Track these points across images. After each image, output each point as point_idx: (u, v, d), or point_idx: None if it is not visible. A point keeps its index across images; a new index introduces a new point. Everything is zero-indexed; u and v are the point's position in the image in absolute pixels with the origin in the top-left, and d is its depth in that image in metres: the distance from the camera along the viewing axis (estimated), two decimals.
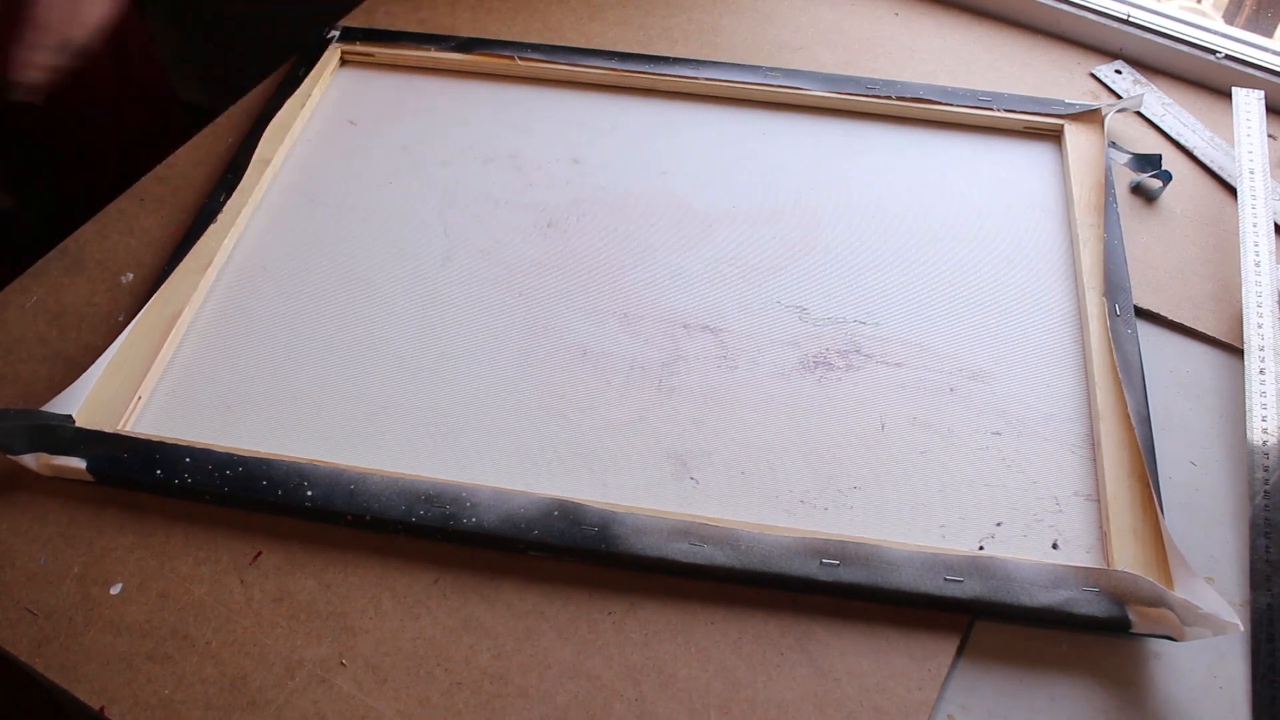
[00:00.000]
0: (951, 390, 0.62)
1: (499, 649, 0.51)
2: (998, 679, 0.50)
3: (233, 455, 0.56)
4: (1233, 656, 0.51)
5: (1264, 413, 0.60)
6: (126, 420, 0.58)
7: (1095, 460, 0.58)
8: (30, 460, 0.55)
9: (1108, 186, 0.72)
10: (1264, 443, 0.58)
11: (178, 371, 0.62)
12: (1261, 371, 0.61)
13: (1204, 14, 0.95)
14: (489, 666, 0.50)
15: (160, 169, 0.74)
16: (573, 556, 0.53)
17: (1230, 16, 1.03)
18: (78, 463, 0.55)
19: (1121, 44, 0.86)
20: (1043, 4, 0.87)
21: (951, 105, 0.79)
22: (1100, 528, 0.55)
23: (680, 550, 0.53)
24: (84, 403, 0.58)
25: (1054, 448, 0.59)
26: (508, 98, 0.81)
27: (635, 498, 0.56)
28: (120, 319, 0.64)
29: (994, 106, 0.79)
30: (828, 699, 0.49)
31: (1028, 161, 0.77)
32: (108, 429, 0.57)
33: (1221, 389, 0.63)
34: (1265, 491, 0.57)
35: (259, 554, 0.54)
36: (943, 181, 0.75)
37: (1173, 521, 0.56)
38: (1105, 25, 0.85)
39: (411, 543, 0.54)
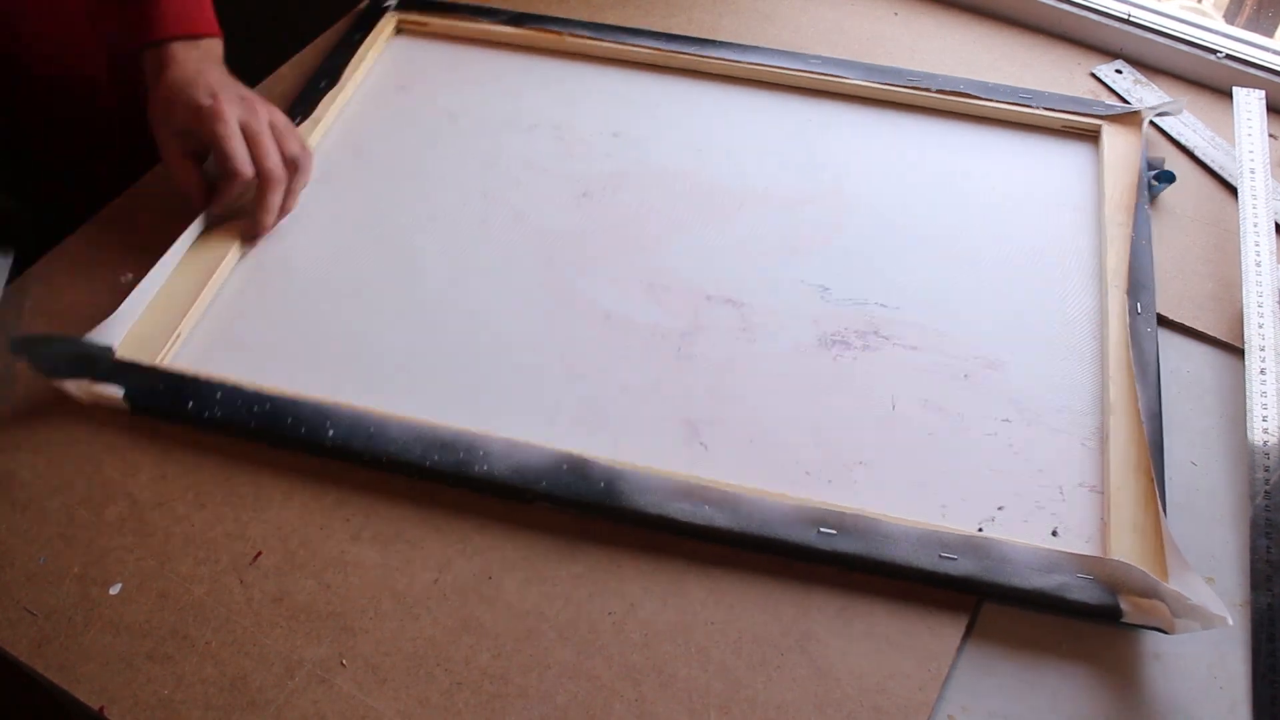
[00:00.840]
0: (966, 376, 0.62)
1: (499, 649, 0.51)
2: (998, 679, 0.50)
3: (261, 393, 0.58)
4: (1233, 656, 0.51)
5: (1264, 413, 0.60)
6: (165, 355, 0.61)
7: (1102, 453, 0.58)
8: (72, 386, 0.57)
9: (1140, 188, 0.72)
10: (1264, 443, 0.58)
11: (217, 312, 0.64)
12: (1262, 371, 0.61)
13: (1204, 14, 0.95)
14: (489, 666, 0.50)
15: None
16: (577, 510, 0.54)
17: (1230, 16, 1.03)
18: (115, 390, 0.57)
19: (1122, 44, 0.86)
20: (1043, 4, 0.87)
21: (991, 101, 0.79)
22: (1101, 519, 0.56)
23: (681, 510, 0.53)
24: (125, 336, 0.61)
25: (1063, 438, 0.59)
26: (555, 72, 0.82)
27: (645, 458, 0.57)
28: None
29: (1033, 104, 0.78)
30: (828, 699, 0.49)
31: (1063, 159, 0.76)
32: (145, 362, 0.59)
33: (1222, 389, 0.63)
34: (1265, 491, 0.57)
35: (259, 554, 0.54)
36: (976, 174, 0.75)
37: (1173, 521, 0.56)
38: (1105, 25, 0.85)
39: (412, 542, 0.54)
